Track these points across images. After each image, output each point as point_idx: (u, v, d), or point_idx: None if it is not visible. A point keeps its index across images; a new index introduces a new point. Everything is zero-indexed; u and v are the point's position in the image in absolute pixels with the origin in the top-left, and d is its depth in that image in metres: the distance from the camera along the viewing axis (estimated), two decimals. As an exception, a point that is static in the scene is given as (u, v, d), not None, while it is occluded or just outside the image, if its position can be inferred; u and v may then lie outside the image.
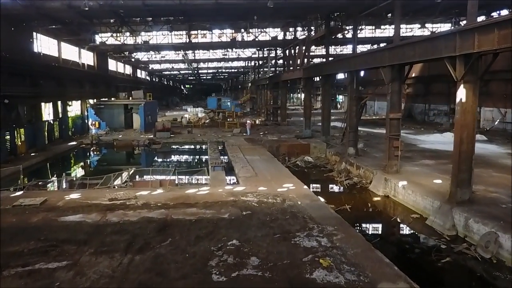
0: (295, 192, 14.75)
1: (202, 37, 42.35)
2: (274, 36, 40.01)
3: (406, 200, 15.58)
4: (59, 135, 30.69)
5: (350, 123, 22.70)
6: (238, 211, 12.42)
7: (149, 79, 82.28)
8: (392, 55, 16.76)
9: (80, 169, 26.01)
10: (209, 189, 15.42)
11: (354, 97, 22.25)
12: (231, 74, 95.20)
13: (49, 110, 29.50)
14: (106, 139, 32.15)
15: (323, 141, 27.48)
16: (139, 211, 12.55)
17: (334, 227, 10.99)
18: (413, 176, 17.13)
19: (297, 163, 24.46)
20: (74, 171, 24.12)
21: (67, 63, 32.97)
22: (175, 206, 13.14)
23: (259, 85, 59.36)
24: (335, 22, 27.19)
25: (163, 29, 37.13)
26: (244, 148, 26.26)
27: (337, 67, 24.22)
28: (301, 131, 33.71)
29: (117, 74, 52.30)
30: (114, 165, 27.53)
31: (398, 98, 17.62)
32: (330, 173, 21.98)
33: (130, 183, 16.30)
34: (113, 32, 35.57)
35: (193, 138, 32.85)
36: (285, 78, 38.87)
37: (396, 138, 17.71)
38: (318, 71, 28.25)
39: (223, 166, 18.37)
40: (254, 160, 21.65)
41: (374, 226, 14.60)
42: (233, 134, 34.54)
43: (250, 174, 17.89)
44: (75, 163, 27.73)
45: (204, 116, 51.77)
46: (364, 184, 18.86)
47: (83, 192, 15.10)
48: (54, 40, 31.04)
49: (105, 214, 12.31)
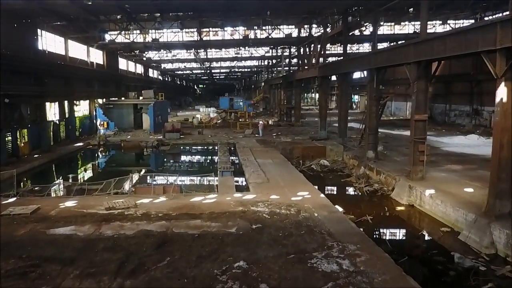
0: (311, 202, 13.34)
1: (214, 34, 41.10)
2: (288, 34, 38.53)
3: (434, 211, 14.05)
4: (66, 136, 29.75)
5: (369, 124, 21.19)
6: (247, 225, 11.06)
7: (162, 78, 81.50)
8: (419, 50, 15.23)
9: (85, 172, 24.98)
10: (216, 197, 14.10)
11: (374, 96, 20.73)
12: (244, 73, 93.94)
13: (55, 110, 28.57)
14: (114, 140, 31.13)
15: (340, 143, 25.98)
16: (137, 223, 11.28)
17: (356, 245, 9.56)
18: (441, 183, 15.59)
19: (312, 167, 23.04)
20: (77, 174, 22.98)
21: (74, 61, 32.04)
22: (177, 217, 11.85)
23: (272, 85, 57.96)
24: (353, 17, 25.62)
25: (174, 27, 35.99)
26: (255, 150, 24.91)
27: (356, 65, 22.69)
28: (316, 133, 32.29)
29: (128, 73, 51.41)
30: (121, 167, 26.56)
31: (424, 98, 16.07)
32: (348, 178, 20.49)
33: (131, 189, 15.06)
34: (122, 30, 34.56)
35: (203, 139, 31.62)
36: (299, 77, 37.42)
37: (422, 142, 16.17)
38: (334, 69, 26.73)
39: (232, 171, 16.99)
40: (266, 164, 20.28)
41: (400, 241, 13.11)
42: (244, 135, 33.24)
43: (262, 180, 16.52)
44: (80, 165, 26.71)
45: (216, 116, 50.53)
46: (386, 192, 17.35)
47: (80, 200, 13.92)
48: (61, 38, 30.11)
49: (99, 226, 11.08)
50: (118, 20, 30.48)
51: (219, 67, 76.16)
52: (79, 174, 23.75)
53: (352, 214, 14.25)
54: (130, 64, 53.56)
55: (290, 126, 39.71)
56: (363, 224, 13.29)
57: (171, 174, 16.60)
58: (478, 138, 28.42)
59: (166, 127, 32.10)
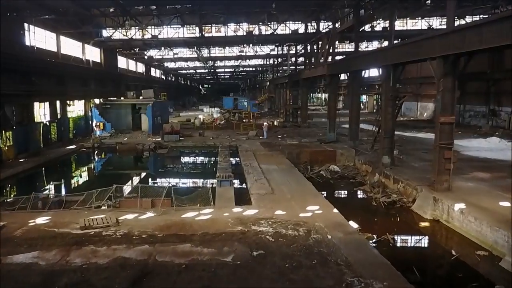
0: (323, 219, 11.37)
1: (217, 31, 39.18)
2: (295, 30, 36.55)
3: (466, 229, 12.02)
4: (58, 138, 27.93)
5: (384, 127, 19.17)
6: (247, 251, 9.12)
7: (164, 78, 79.67)
8: (446, 43, 13.22)
9: (73, 178, 23.00)
10: (212, 212, 12.15)
11: (390, 96, 18.71)
12: (249, 73, 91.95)
13: (46, 110, 26.73)
14: (110, 142, 29.26)
15: (351, 146, 23.98)
16: (114, 248, 9.38)
17: (383, 283, 7.59)
18: (470, 195, 13.58)
19: (321, 173, 21.05)
20: (62, 182, 21.06)
21: (67, 59, 30.15)
22: (164, 239, 9.93)
23: (277, 84, 55.94)
24: (366, 10, 23.55)
25: (174, 23, 34.13)
26: (259, 154, 22.97)
27: (369, 61, 20.66)
28: (324, 134, 30.34)
29: (128, 72, 49.52)
30: (113, 173, 24.72)
31: (451, 97, 14.03)
32: (362, 186, 18.48)
33: (116, 202, 13.16)
34: (119, 27, 32.79)
35: (204, 141, 29.69)
36: (306, 76, 35.42)
37: (448, 148, 14.15)
38: (345, 66, 24.69)
39: (231, 180, 15.00)
40: (270, 171, 18.33)
41: (431, 270, 11.04)
42: (248, 137, 31.31)
43: (265, 191, 14.55)
44: (70, 170, 24.74)
45: (219, 117, 48.62)
46: (405, 203, 15.34)
47: (54, 215, 12.03)
48: (52, 33, 28.19)
49: (68, 251, 9.19)
50: (112, 13, 28.54)
51: (223, 66, 74.25)
52: (68, 180, 21.88)
53: (370, 232, 12.29)
54: (131, 62, 51.71)
55: (296, 127, 37.74)
56: (384, 245, 11.34)
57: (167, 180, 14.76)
58: (500, 141, 26.36)
59: (165, 128, 30.22)
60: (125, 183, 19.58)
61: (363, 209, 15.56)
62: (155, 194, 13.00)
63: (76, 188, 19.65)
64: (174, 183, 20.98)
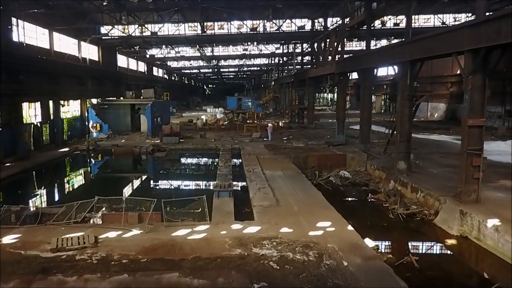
0: (336, 239, 9.71)
1: (219, 28, 37.60)
2: (301, 26, 34.88)
3: (502, 250, 10.31)
4: (50, 140, 26.39)
5: (401, 129, 17.47)
6: (246, 284, 7.48)
7: (167, 77, 78.14)
8: (477, 34, 11.52)
9: (61, 185, 21.29)
10: (207, 229, 10.50)
11: (407, 96, 17.01)
12: (254, 72, 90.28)
13: (37, 111, 25.21)
14: (106, 145, 27.71)
15: (362, 150, 22.27)
16: (86, 278, 7.77)
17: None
18: (502, 208, 11.87)
19: (331, 179, 19.40)
20: (46, 190, 19.41)
21: (62, 56, 28.60)
22: (148, 266, 8.32)
23: (283, 84, 54.24)
24: (378, 3, 21.80)
25: (174, 20, 32.53)
26: (263, 158, 21.35)
27: (384, 58, 18.92)
28: (332, 137, 28.70)
29: (128, 71, 47.97)
30: (106, 178, 23.11)
31: (481, 97, 12.34)
32: (376, 195, 16.78)
33: (98, 216, 11.56)
34: (117, 23, 31.26)
35: (205, 144, 28.08)
36: (313, 75, 33.71)
37: (477, 154, 12.44)
38: (356, 64, 22.97)
39: (231, 191, 13.32)
40: (275, 178, 16.70)
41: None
42: (252, 139, 29.70)
43: (269, 202, 12.90)
44: (57, 176, 22.76)
45: (222, 118, 47.00)
46: (427, 216, 13.66)
47: (26, 232, 10.45)
48: (45, 30, 26.62)
49: (30, 283, 7.58)
50: (106, 7, 26.93)
51: (227, 66, 72.64)
52: (53, 188, 20.26)
53: (389, 252, 10.64)
54: (132, 61, 50.16)
55: (302, 129, 36.06)
56: (407, 269, 9.69)
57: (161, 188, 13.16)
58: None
59: (164, 130, 28.63)
60: (116, 190, 17.93)
61: (379, 222, 13.86)
62: (144, 206, 11.38)
63: (62, 197, 18.06)
64: (171, 188, 19.46)
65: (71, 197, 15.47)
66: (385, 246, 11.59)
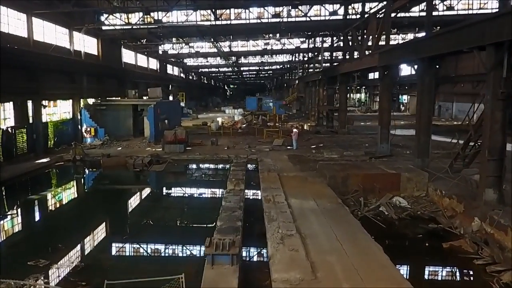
0: None
1: (236, 17, 32.43)
2: (333, 11, 29.38)
3: None
4: (29, 149, 21.72)
5: (490, 142, 11.93)
6: None
7: (184, 76, 73.35)
8: None
9: (23, 213, 15.78)
10: None
11: (500, 94, 11.45)
12: (275, 71, 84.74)
13: (9, 113, 20.54)
14: (96, 154, 22.87)
15: (418, 166, 16.67)
16: None
17: None
18: None
19: (381, 209, 13.95)
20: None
21: (46, 47, 23.76)
22: None
23: (308, 82, 48.58)
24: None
25: (182, 7, 27.58)
26: (287, 177, 16.08)
27: (459, 41, 13.25)
28: (371, 145, 23.34)
29: (136, 68, 43.13)
30: (86, 204, 17.38)
31: None
32: (456, 241, 11.23)
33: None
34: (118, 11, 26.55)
35: (215, 153, 22.90)
36: (346, 70, 28.12)
37: None
38: (410, 52, 17.29)
39: (234, 256, 7.66)
40: (306, 214, 11.40)
41: None
42: (272, 147, 24.44)
43: (300, 273, 7.46)
44: (21, 197, 17.09)
45: (240, 120, 41.80)
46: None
47: None
48: (21, 14, 21.84)
49: None
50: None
51: (247, 64, 67.28)
52: (11, 217, 14.97)
53: None
54: (141, 57, 45.33)
55: (333, 134, 30.52)
56: None
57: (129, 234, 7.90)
58: None
59: (166, 136, 23.59)
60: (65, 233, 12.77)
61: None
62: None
63: (12, 236, 13.00)
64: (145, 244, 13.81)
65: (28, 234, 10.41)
66: None
